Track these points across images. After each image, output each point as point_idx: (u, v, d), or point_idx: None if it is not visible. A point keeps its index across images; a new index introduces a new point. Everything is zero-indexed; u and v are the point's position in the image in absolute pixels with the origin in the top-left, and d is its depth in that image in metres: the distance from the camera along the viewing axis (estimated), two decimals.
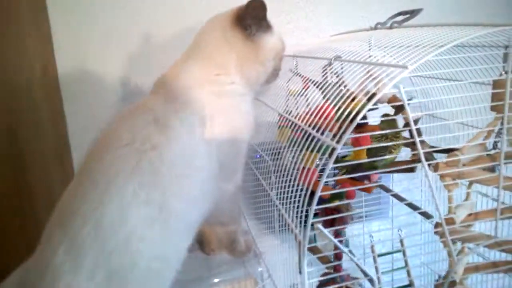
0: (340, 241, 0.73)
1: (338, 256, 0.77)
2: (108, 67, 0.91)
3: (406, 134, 0.65)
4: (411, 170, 0.66)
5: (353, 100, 0.51)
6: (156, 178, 0.55)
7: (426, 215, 0.72)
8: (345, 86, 0.60)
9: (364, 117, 0.51)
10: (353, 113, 0.47)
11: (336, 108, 0.50)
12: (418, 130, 0.72)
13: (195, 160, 0.60)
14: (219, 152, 0.63)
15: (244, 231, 0.76)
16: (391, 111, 0.71)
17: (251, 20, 0.68)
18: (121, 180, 0.53)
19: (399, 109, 0.66)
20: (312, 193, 0.48)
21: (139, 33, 0.91)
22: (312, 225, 0.50)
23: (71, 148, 0.91)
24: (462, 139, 0.62)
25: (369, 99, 0.48)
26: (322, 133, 0.50)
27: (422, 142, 0.68)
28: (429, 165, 0.66)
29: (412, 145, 0.66)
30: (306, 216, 0.49)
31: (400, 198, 0.77)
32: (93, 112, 0.91)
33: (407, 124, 0.67)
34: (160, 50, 0.92)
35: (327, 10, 0.97)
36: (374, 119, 0.67)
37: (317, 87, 0.66)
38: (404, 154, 0.74)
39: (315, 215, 0.52)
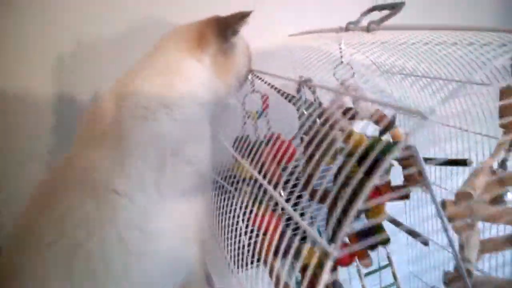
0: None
1: None
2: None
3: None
4: (406, 197, 0.55)
5: (349, 137, 0.38)
6: (100, 276, 0.42)
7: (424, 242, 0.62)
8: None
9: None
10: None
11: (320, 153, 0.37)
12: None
13: (154, 226, 0.46)
14: (181, 202, 0.50)
15: None
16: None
17: (233, 30, 0.57)
18: None
19: (387, 128, 0.54)
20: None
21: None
22: None
23: None
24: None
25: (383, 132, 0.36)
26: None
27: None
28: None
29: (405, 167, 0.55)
30: None
31: (413, 234, 0.64)
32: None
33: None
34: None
35: (283, 3, 0.81)
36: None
37: (289, 100, 0.53)
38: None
39: None
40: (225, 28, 0.56)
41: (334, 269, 0.53)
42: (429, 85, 0.39)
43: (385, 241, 0.49)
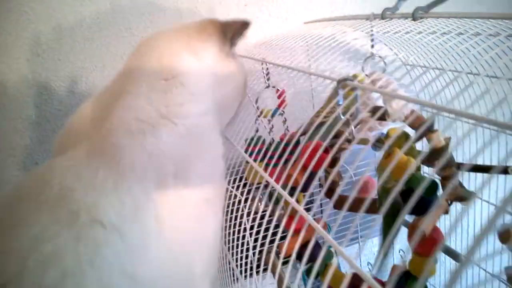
0: None
1: None
2: None
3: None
4: (445, 212, 0.48)
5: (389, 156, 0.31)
6: None
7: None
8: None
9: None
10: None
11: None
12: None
13: (151, 270, 0.37)
14: (187, 233, 0.41)
15: None
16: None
17: (233, 38, 0.50)
18: None
19: (423, 131, 0.47)
20: None
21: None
22: None
23: None
24: None
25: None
26: None
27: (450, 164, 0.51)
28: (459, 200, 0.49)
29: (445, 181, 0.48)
30: None
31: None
32: None
33: (435, 151, 0.49)
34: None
35: None
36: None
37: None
38: None
39: None
40: (226, 32, 0.49)
41: None
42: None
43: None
